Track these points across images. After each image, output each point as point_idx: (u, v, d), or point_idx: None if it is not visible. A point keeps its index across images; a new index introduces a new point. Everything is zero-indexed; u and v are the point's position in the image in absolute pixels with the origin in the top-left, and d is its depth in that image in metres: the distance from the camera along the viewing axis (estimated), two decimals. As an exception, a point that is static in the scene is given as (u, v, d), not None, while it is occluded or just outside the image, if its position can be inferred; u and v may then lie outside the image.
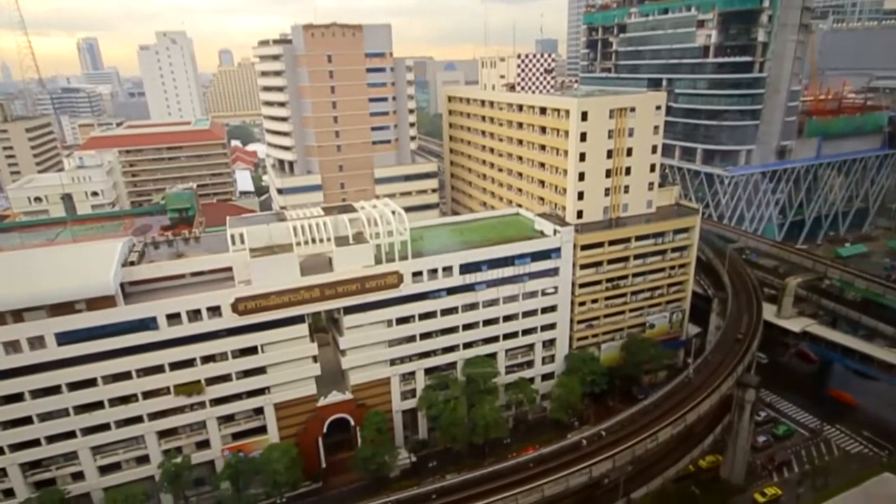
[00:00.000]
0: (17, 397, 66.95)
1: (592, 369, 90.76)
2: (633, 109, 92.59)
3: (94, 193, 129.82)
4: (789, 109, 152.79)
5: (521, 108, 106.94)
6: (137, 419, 72.86)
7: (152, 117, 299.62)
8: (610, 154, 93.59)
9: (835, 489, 71.11)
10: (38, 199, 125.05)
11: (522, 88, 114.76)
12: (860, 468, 78.36)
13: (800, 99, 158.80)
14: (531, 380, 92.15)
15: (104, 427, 71.66)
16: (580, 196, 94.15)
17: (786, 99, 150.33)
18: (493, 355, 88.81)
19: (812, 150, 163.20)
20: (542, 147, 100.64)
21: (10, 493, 69.94)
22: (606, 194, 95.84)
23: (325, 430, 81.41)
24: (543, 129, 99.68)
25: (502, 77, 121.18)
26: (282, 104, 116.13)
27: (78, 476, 72.54)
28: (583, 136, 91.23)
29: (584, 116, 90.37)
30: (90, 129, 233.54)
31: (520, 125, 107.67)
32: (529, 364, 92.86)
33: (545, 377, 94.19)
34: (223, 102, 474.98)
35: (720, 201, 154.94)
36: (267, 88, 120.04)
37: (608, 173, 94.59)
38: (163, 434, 75.02)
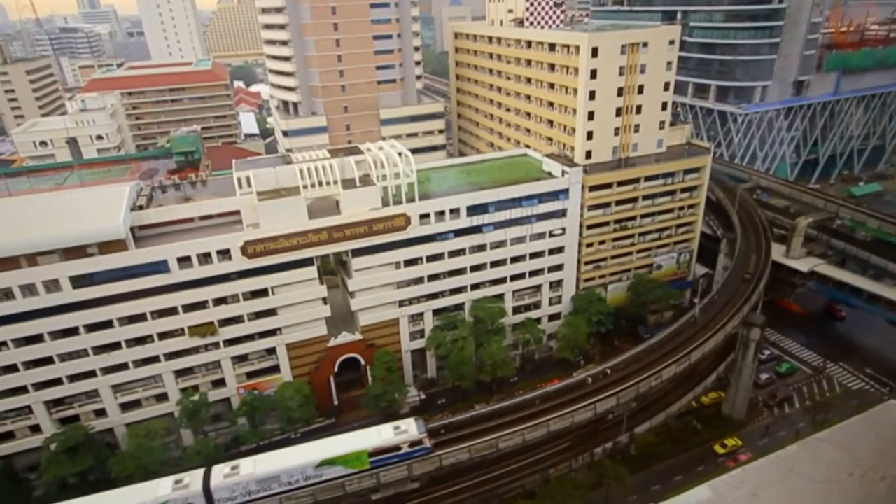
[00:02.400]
0: (37, 338, 68.94)
1: (599, 310, 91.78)
2: (645, 45, 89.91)
3: (99, 137, 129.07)
4: (809, 42, 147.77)
5: (529, 44, 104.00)
6: (154, 359, 75.01)
7: (153, 58, 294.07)
8: (621, 92, 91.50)
9: (836, 420, 72.82)
10: (43, 143, 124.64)
11: (531, 24, 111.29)
12: (861, 404, 79.90)
13: (820, 31, 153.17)
14: (538, 320, 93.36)
15: (123, 367, 73.90)
16: (589, 136, 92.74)
17: (805, 31, 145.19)
18: (500, 296, 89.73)
19: (830, 86, 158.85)
20: (551, 85, 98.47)
21: (36, 429, 72.93)
22: (616, 134, 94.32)
23: (336, 369, 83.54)
24: (552, 67, 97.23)
25: (510, 12, 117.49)
26: (284, 43, 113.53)
27: (100, 413, 75.38)
28: (593, 74, 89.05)
29: (595, 53, 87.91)
30: (90, 70, 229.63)
31: (528, 63, 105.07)
32: (536, 305, 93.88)
33: (552, 317, 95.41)
34: (224, 42, 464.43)
35: (733, 140, 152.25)
36: (268, 26, 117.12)
37: (618, 112, 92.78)
38: (179, 373, 77.31)
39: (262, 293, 76.38)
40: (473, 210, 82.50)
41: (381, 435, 60.28)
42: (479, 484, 66.12)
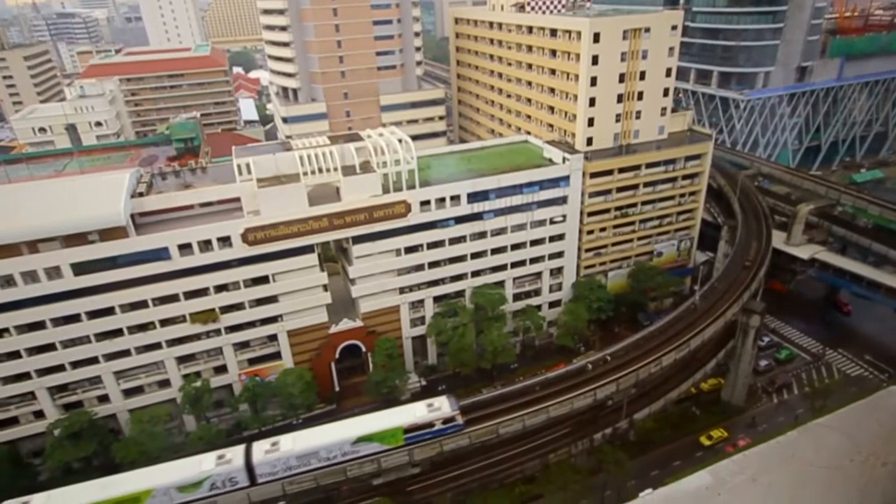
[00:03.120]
0: (39, 325, 69.19)
1: (599, 296, 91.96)
2: (647, 30, 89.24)
3: (98, 124, 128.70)
4: (812, 28, 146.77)
5: (530, 30, 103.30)
6: (156, 346, 75.31)
7: (151, 43, 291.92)
8: (622, 78, 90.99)
9: (835, 406, 73.25)
10: (42, 129, 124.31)
11: (533, 8, 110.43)
12: (859, 390, 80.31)
13: (824, 16, 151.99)
14: (538, 307, 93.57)
15: (125, 353, 74.23)
16: (590, 122, 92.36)
17: (809, 16, 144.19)
18: (501, 283, 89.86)
19: (834, 72, 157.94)
20: (553, 71, 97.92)
21: (40, 414, 73.42)
22: (617, 120, 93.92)
23: (337, 355, 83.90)
24: (554, 53, 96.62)
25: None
26: (283, 28, 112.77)
27: (103, 399, 75.81)
28: (594, 60, 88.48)
29: (597, 38, 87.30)
30: (89, 56, 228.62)
31: (529, 48, 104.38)
32: (537, 292, 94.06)
33: (552, 304, 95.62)
34: (223, 27, 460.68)
35: (734, 126, 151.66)
36: (267, 11, 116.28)
37: (620, 98, 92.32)
38: (182, 359, 77.66)
39: (263, 280, 76.52)
40: (474, 197, 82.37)
41: (415, 412, 61.88)
42: (479, 469, 66.64)
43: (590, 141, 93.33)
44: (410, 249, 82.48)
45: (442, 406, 62.34)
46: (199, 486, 54.85)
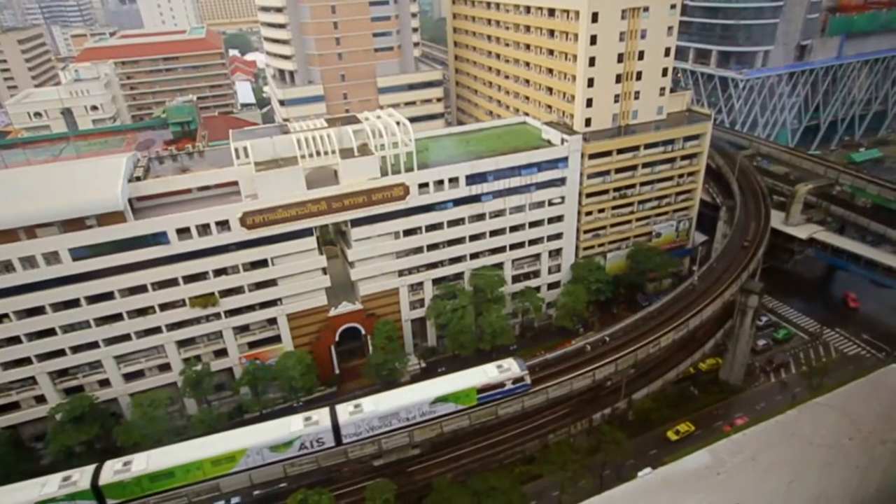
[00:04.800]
0: (39, 310, 69.29)
1: (598, 278, 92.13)
2: (646, 9, 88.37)
3: (94, 108, 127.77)
4: (812, 5, 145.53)
5: (528, 10, 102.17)
6: (156, 330, 75.50)
7: (145, 26, 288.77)
8: (621, 58, 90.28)
9: (834, 385, 73.86)
10: (38, 114, 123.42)
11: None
12: (857, 369, 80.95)
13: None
14: (537, 289, 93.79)
15: (125, 337, 74.45)
16: (589, 103, 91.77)
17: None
18: (499, 265, 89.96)
19: (833, 50, 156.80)
20: (551, 52, 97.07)
21: (41, 399, 73.78)
22: (616, 101, 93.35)
23: (337, 338, 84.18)
24: (552, 33, 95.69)
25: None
26: (279, 10, 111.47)
27: (104, 383, 76.18)
28: (593, 40, 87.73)
29: (595, 18, 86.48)
30: (83, 39, 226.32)
31: (527, 29, 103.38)
32: (536, 273, 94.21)
33: (551, 286, 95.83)
34: (218, 9, 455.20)
35: (733, 106, 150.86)
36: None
37: (618, 79, 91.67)
38: (182, 343, 77.90)
39: (262, 264, 76.52)
40: (472, 179, 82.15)
41: (486, 374, 63.58)
42: (479, 450, 67.24)
43: (588, 122, 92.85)
44: (409, 232, 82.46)
45: (511, 367, 64.36)
46: (289, 446, 57.09)
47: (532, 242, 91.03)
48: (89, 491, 51.33)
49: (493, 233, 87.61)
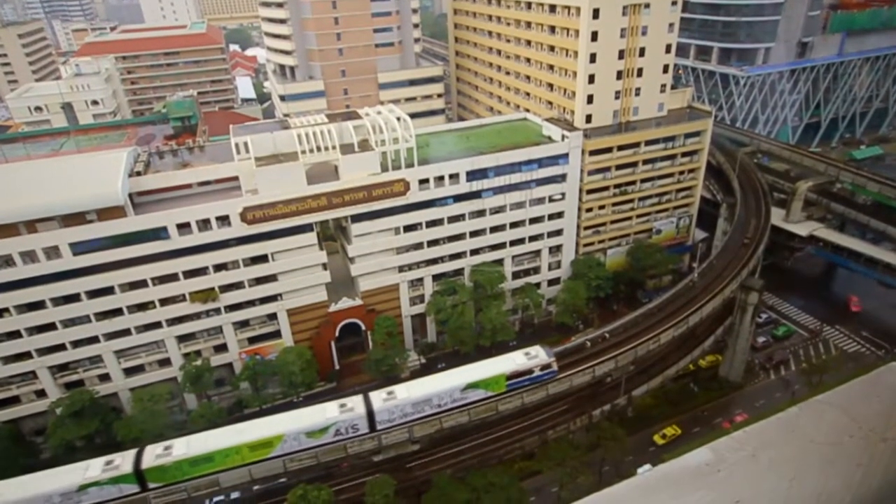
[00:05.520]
0: (39, 305, 69.30)
1: (598, 274, 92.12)
2: (647, 6, 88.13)
3: (95, 102, 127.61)
4: (814, 3, 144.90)
5: (529, 5, 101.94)
6: (156, 325, 75.57)
7: (146, 21, 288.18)
8: (622, 55, 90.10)
9: (834, 383, 73.92)
10: (38, 108, 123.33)
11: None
12: (856, 366, 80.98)
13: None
14: (537, 285, 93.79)
15: (125, 332, 74.47)
16: (590, 100, 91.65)
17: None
18: (499, 261, 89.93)
19: (834, 47, 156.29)
20: (552, 48, 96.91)
21: (42, 393, 73.88)
22: (617, 97, 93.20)
23: (337, 334, 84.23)
24: (553, 29, 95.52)
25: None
26: (280, 5, 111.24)
27: (104, 378, 76.30)
28: (594, 36, 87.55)
29: (596, 14, 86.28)
30: (84, 34, 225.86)
31: (528, 25, 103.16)
32: (536, 270, 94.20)
33: (551, 282, 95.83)
34: (219, 4, 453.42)
35: (734, 103, 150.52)
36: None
37: (619, 75, 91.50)
38: (182, 338, 77.96)
39: (262, 259, 76.52)
40: (473, 175, 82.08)
41: (515, 361, 64.77)
42: (478, 446, 67.32)
43: (589, 118, 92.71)
44: (409, 228, 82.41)
45: (539, 354, 65.47)
46: (325, 432, 57.89)
47: (532, 239, 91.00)
48: (132, 475, 52.52)
49: (494, 229, 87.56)
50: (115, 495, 52.34)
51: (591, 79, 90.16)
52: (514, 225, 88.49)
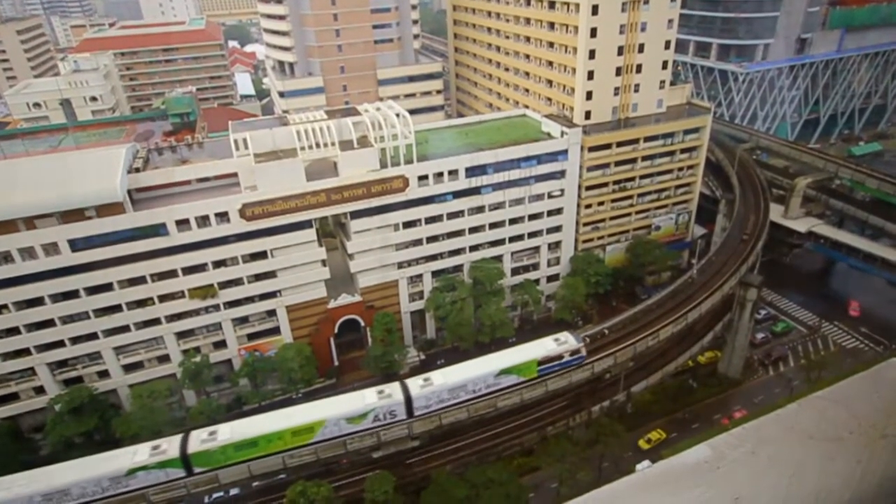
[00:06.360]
0: (38, 301, 69.25)
1: (597, 271, 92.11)
2: (646, 1, 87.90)
3: (93, 98, 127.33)
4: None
5: (528, 1, 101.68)
6: (155, 321, 75.50)
7: (145, 17, 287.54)
8: (621, 51, 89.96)
9: (833, 379, 73.92)
10: (36, 104, 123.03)
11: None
12: (855, 362, 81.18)
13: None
14: (537, 281, 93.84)
15: (124, 329, 74.43)
16: (589, 96, 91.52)
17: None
18: (499, 258, 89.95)
19: (833, 44, 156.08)
20: (551, 44, 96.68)
21: (40, 390, 73.87)
22: (616, 93, 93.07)
23: (336, 330, 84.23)
24: (552, 25, 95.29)
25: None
26: (279, 1, 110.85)
27: (103, 374, 76.25)
28: (593, 32, 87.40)
29: (595, 10, 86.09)
30: (82, 30, 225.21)
31: (527, 21, 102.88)
32: (535, 266, 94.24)
33: (550, 279, 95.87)
34: (217, 0, 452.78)
35: (733, 100, 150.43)
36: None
37: (618, 71, 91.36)
38: (181, 335, 77.95)
39: (262, 255, 76.48)
40: (472, 171, 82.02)
41: (545, 347, 66.83)
42: (477, 442, 67.48)
43: (588, 114, 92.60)
44: (409, 224, 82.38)
45: (568, 340, 67.47)
46: (364, 418, 59.37)
47: (531, 235, 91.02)
48: (178, 459, 53.79)
49: (493, 225, 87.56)
50: (162, 479, 53.92)
51: (591, 75, 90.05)
52: (513, 221, 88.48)
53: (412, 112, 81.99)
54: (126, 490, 53.31)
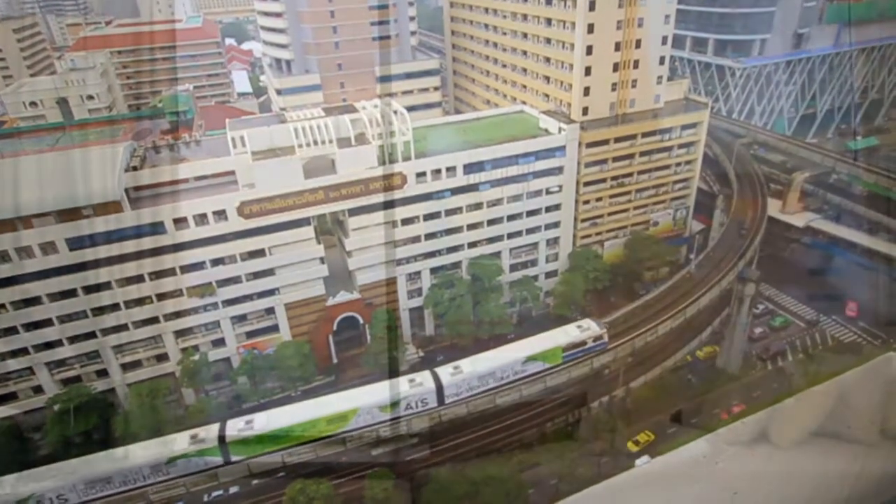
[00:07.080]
0: (35, 300, 69.09)
1: (595, 266, 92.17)
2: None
3: (90, 97, 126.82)
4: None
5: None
6: (153, 320, 75.37)
7: (141, 15, 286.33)
8: (618, 46, 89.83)
9: (831, 373, 74.03)
10: (33, 103, 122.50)
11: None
12: (853, 357, 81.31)
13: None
14: (535, 277, 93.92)
15: (122, 327, 74.33)
16: (586, 92, 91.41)
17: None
18: (497, 254, 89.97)
19: (830, 39, 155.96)
20: (548, 41, 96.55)
21: (39, 389, 73.80)
22: (613, 89, 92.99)
23: (335, 328, 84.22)
24: (549, 21, 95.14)
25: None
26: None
27: (102, 373, 76.17)
28: (590, 28, 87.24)
29: (592, 6, 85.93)
30: (79, 28, 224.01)
31: (524, 17, 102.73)
32: (533, 262, 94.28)
33: (549, 275, 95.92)
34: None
35: (731, 95, 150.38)
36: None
37: (616, 67, 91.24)
38: (179, 333, 77.88)
39: (260, 253, 76.38)
40: (470, 168, 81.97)
41: (569, 334, 69.92)
42: (476, 438, 67.49)
43: (585, 110, 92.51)
44: (407, 221, 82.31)
45: (590, 326, 70.57)
46: (396, 406, 61.19)
47: (529, 231, 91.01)
48: (216, 447, 55.65)
49: (491, 222, 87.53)
50: (201, 467, 55.31)
51: (588, 71, 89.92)
52: (511, 217, 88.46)
53: (410, 109, 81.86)
54: (166, 478, 54.71)
